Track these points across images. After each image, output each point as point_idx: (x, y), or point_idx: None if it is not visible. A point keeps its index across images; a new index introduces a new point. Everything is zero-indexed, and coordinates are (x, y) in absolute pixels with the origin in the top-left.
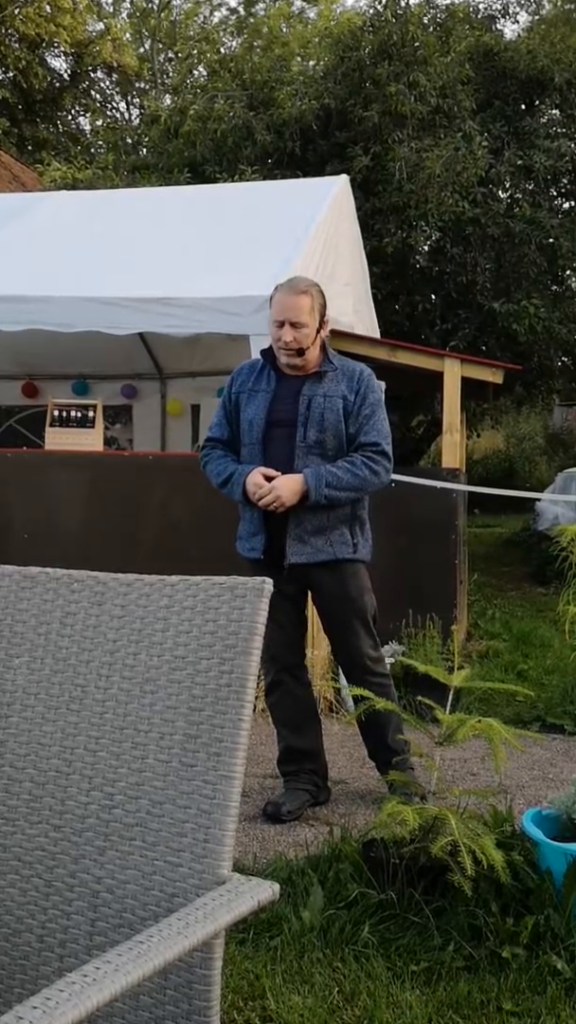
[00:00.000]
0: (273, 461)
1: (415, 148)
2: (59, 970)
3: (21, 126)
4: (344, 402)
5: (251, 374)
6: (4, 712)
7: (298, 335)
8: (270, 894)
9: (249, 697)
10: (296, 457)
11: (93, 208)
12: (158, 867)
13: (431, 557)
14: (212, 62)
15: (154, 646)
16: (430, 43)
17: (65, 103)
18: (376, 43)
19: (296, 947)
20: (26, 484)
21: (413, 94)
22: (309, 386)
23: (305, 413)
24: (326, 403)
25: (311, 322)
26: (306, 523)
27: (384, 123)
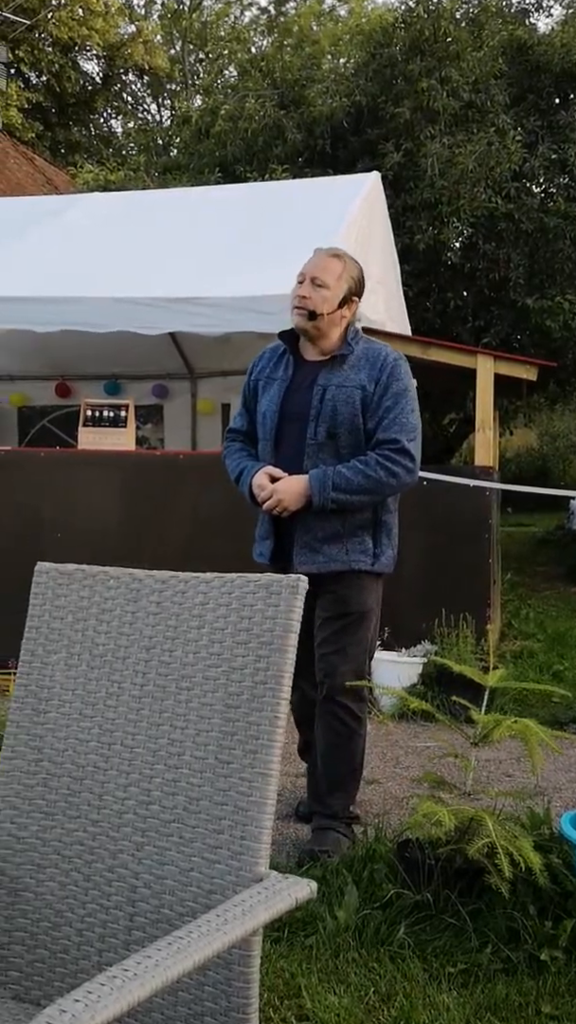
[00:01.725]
0: (283, 459)
1: (447, 144)
2: (98, 964)
3: (54, 129)
4: (362, 393)
5: (271, 359)
6: (42, 708)
7: (314, 295)
8: (307, 892)
9: (285, 694)
10: (306, 456)
11: (125, 209)
12: (195, 863)
13: (464, 556)
14: (243, 62)
15: (189, 643)
16: (462, 38)
17: (97, 106)
18: (408, 39)
19: (331, 947)
20: (59, 483)
21: (445, 89)
22: (326, 374)
23: (317, 406)
24: (340, 394)
25: (335, 288)
26: (316, 529)
27: (416, 119)
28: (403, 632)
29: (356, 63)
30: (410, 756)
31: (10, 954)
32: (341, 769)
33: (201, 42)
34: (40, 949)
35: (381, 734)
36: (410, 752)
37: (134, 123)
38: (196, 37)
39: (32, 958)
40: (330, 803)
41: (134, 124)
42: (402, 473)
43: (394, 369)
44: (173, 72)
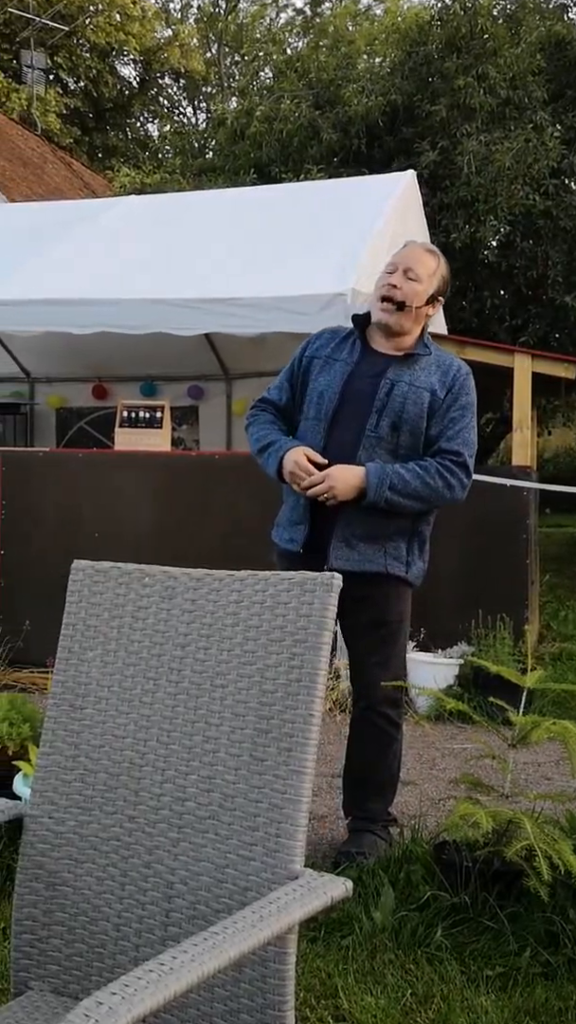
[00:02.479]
0: (334, 446)
1: (484, 141)
2: (135, 959)
3: (92, 134)
4: (432, 397)
5: (332, 340)
6: (79, 704)
7: (406, 286)
8: (343, 891)
9: (319, 693)
10: (361, 447)
11: (161, 212)
12: (231, 860)
13: (502, 557)
14: (278, 63)
15: (224, 640)
16: (500, 34)
17: (134, 110)
18: (444, 37)
19: (368, 947)
20: (96, 484)
21: (482, 87)
22: (396, 369)
23: (384, 399)
24: (410, 392)
25: (426, 284)
26: (356, 526)
27: (452, 117)
28: (439, 633)
29: (392, 62)
30: (447, 758)
31: (49, 947)
32: (382, 776)
33: (237, 44)
34: (78, 943)
35: (417, 735)
36: (447, 754)
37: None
38: (232, 39)
39: (70, 952)
40: (370, 808)
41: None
42: (457, 487)
43: (465, 381)
44: (209, 75)
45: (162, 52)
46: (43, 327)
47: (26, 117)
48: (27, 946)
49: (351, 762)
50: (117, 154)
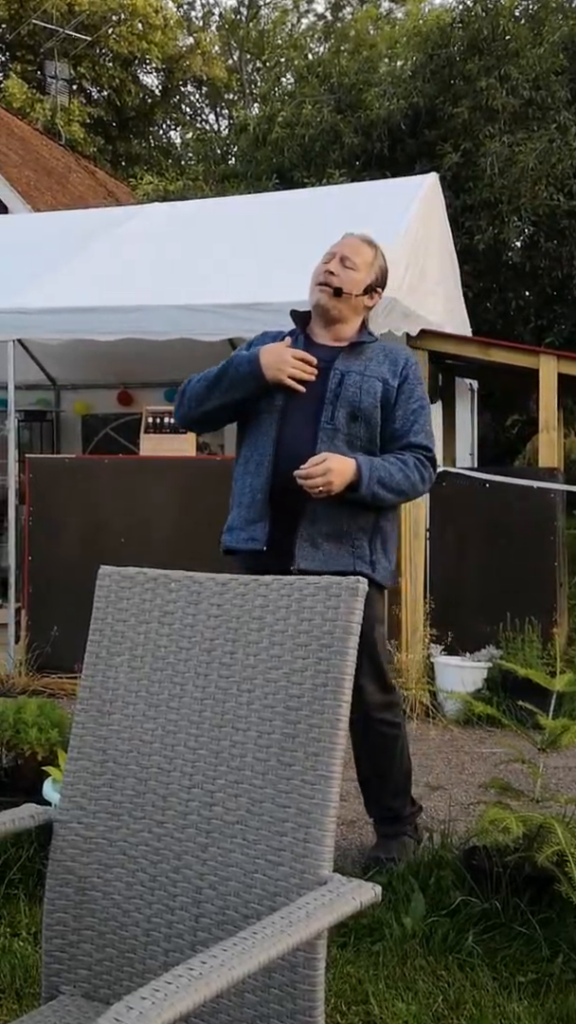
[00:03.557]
0: (289, 440)
1: (507, 142)
2: (165, 964)
3: (115, 143)
4: (384, 386)
5: (276, 338)
6: (107, 709)
7: (343, 274)
8: (372, 896)
9: (346, 697)
10: (319, 441)
11: (184, 218)
12: (259, 865)
13: (529, 559)
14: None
15: (250, 645)
16: (522, 35)
17: (156, 118)
18: (466, 38)
19: (398, 953)
20: (122, 489)
21: (505, 88)
22: (344, 360)
23: (336, 389)
24: (363, 383)
25: (365, 272)
26: (321, 523)
27: (475, 119)
28: (467, 636)
29: (413, 65)
30: (475, 762)
31: (79, 952)
32: (396, 776)
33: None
34: (108, 948)
35: (446, 739)
36: (475, 758)
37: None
38: (253, 46)
39: (100, 956)
40: (394, 805)
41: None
42: (428, 481)
43: (416, 371)
44: (231, 82)
45: (184, 60)
46: (68, 335)
47: (50, 127)
48: (58, 951)
49: (361, 767)
50: (140, 162)
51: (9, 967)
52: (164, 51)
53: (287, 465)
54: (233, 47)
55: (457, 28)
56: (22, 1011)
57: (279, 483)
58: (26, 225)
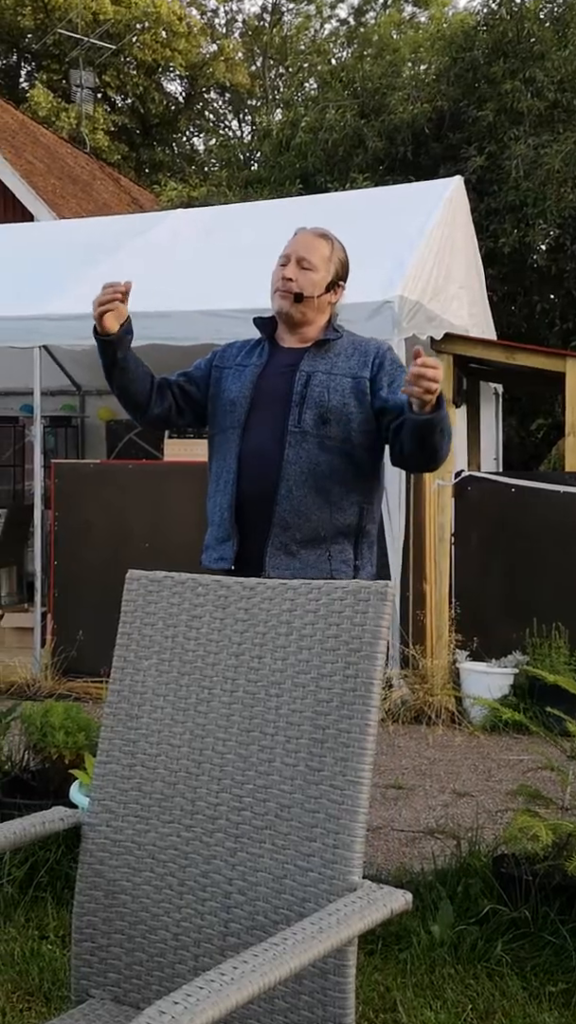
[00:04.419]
0: (254, 448)
1: (532, 145)
2: (194, 969)
3: (139, 150)
4: (353, 382)
5: (243, 348)
6: (135, 713)
7: (301, 277)
8: (403, 903)
9: (375, 702)
10: (287, 445)
11: (208, 224)
12: (288, 871)
13: (555, 564)
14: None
15: (278, 649)
16: (547, 38)
17: (180, 125)
18: (490, 41)
19: (426, 961)
20: (146, 494)
21: (530, 90)
22: (310, 359)
23: (302, 391)
24: (330, 382)
25: (323, 270)
26: (294, 529)
27: (499, 121)
28: (492, 642)
29: (437, 68)
30: (503, 769)
31: (109, 956)
32: None
33: (281, 57)
34: (137, 952)
35: (472, 746)
36: (503, 765)
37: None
38: (276, 52)
39: (130, 960)
40: None
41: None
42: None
43: (391, 357)
44: (254, 88)
45: (208, 67)
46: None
47: (75, 135)
48: (87, 954)
49: None
50: (164, 169)
51: (38, 970)
52: (188, 58)
53: (252, 478)
54: (256, 53)
55: (481, 31)
56: (51, 1014)
57: (244, 497)
58: (52, 232)
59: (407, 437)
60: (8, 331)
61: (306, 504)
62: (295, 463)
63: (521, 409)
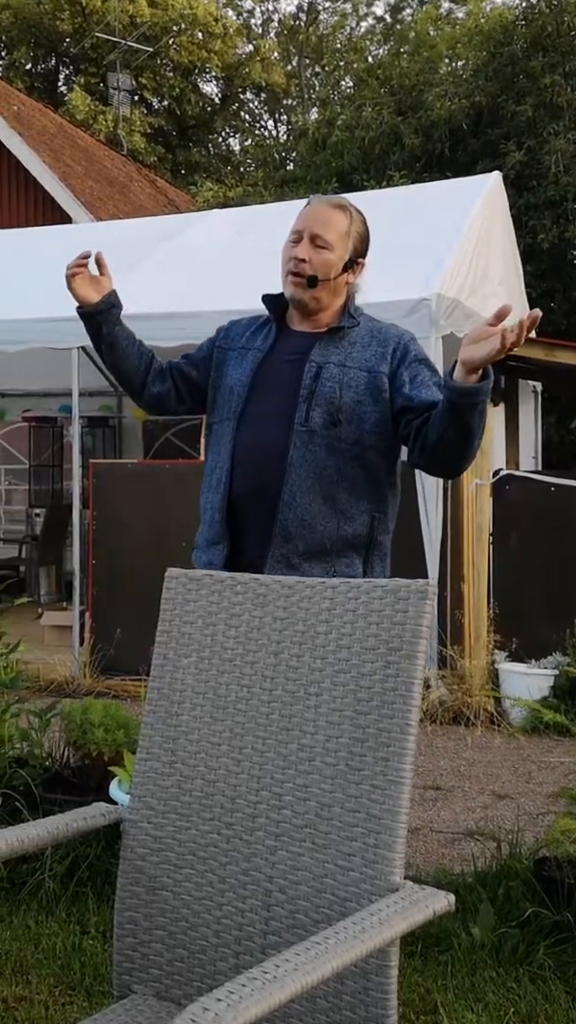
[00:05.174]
0: (252, 446)
1: (572, 139)
2: (235, 966)
3: (175, 151)
4: (370, 376)
5: (249, 327)
6: (175, 711)
7: (315, 257)
8: (445, 904)
9: (415, 701)
10: (292, 446)
11: (244, 224)
12: (329, 870)
13: None
14: (359, 71)
15: (317, 648)
16: None
17: (216, 126)
18: (529, 36)
19: (467, 964)
20: (183, 494)
21: (570, 84)
22: (321, 348)
23: (311, 385)
24: (343, 376)
25: (340, 249)
26: (296, 541)
27: (539, 116)
28: (532, 643)
29: (475, 64)
30: (543, 771)
31: (151, 952)
32: None
33: (318, 56)
34: (179, 948)
35: (511, 748)
36: (543, 767)
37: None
38: (313, 51)
39: (171, 957)
40: None
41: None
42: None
43: (413, 348)
44: (289, 87)
45: (243, 67)
46: None
47: (113, 138)
48: (129, 949)
49: None
50: (200, 170)
51: (79, 965)
52: (224, 59)
53: (247, 476)
54: (292, 53)
55: (520, 25)
56: (92, 1008)
57: (237, 497)
58: (89, 234)
59: (440, 418)
60: (47, 332)
61: (311, 513)
62: (300, 466)
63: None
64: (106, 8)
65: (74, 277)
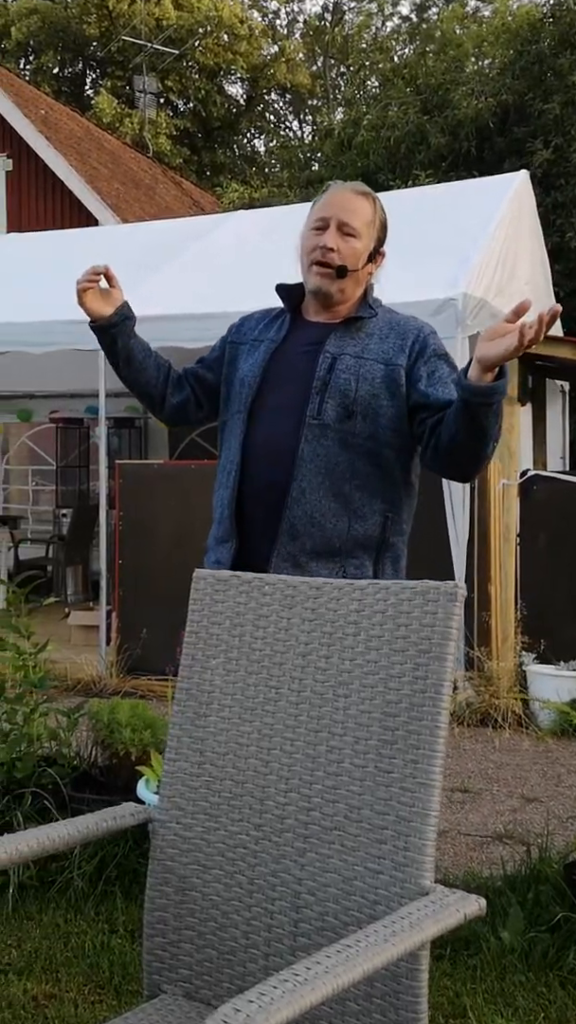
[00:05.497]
0: (262, 440)
1: None
2: (265, 968)
3: (200, 153)
4: (387, 369)
5: (262, 319)
6: (203, 711)
7: (344, 246)
8: (476, 908)
9: (445, 704)
10: (303, 439)
11: (270, 224)
12: (358, 872)
13: None
14: (385, 71)
15: (346, 650)
16: None
17: (241, 127)
18: (557, 33)
19: (496, 968)
20: (209, 494)
21: None
22: (337, 339)
23: (325, 376)
24: (360, 367)
25: (366, 238)
26: (305, 538)
27: (566, 114)
28: (560, 644)
29: (502, 62)
30: (572, 774)
31: (180, 952)
32: None
33: (343, 56)
34: (208, 949)
35: (540, 751)
36: (572, 770)
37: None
38: (338, 51)
39: (201, 957)
40: None
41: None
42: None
43: (433, 342)
44: (315, 88)
45: (269, 69)
46: (156, 343)
47: (139, 140)
48: (159, 949)
49: None
50: (225, 171)
51: (108, 964)
52: (249, 61)
53: (258, 471)
54: (317, 53)
55: (548, 23)
56: (121, 1007)
57: (247, 493)
58: (115, 236)
59: (454, 418)
60: (74, 334)
61: (321, 510)
62: (311, 461)
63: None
64: (132, 12)
65: (85, 292)
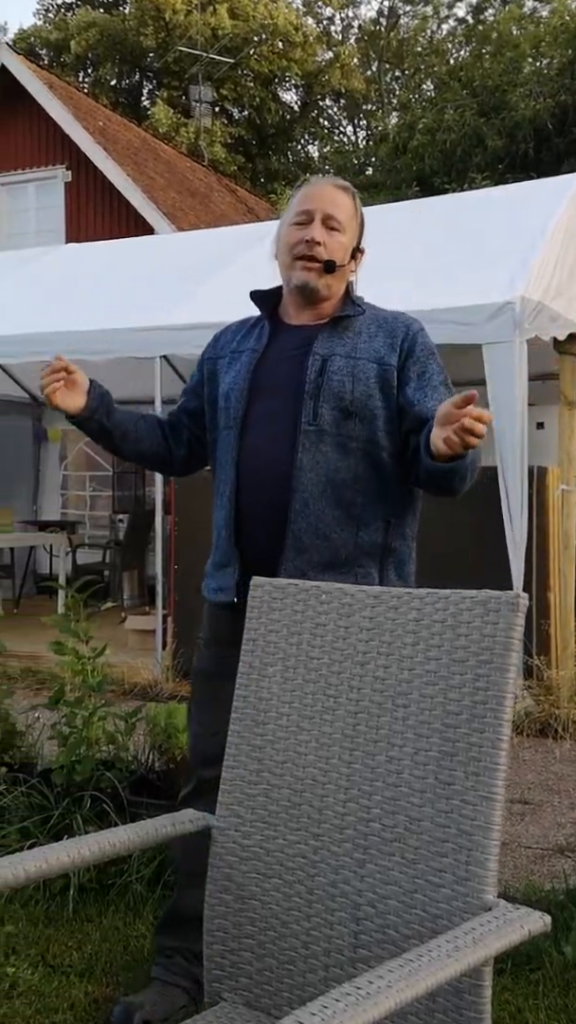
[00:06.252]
0: (255, 451)
1: None
2: (324, 979)
3: (255, 160)
4: (380, 368)
5: (239, 331)
6: (261, 719)
7: (330, 240)
8: (541, 925)
9: (507, 716)
10: (301, 448)
11: None
12: (419, 885)
13: None
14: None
15: (404, 660)
16: None
17: (295, 133)
18: None
19: (559, 983)
20: None
21: None
22: (325, 340)
23: (316, 379)
24: (353, 368)
25: (349, 232)
26: (310, 552)
27: None
28: None
29: (560, 62)
30: None
31: (240, 960)
32: None
33: (398, 60)
34: (268, 958)
35: None
36: None
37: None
38: (393, 56)
39: (260, 966)
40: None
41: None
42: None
43: (423, 340)
44: (369, 92)
45: (323, 75)
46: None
47: (194, 149)
48: (219, 957)
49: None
50: (279, 178)
51: None
52: (303, 67)
53: (254, 487)
54: (372, 58)
55: None
56: None
57: (246, 512)
58: (171, 245)
59: (420, 472)
60: (130, 342)
61: (325, 520)
62: (311, 470)
63: None
64: (188, 22)
65: (54, 393)
